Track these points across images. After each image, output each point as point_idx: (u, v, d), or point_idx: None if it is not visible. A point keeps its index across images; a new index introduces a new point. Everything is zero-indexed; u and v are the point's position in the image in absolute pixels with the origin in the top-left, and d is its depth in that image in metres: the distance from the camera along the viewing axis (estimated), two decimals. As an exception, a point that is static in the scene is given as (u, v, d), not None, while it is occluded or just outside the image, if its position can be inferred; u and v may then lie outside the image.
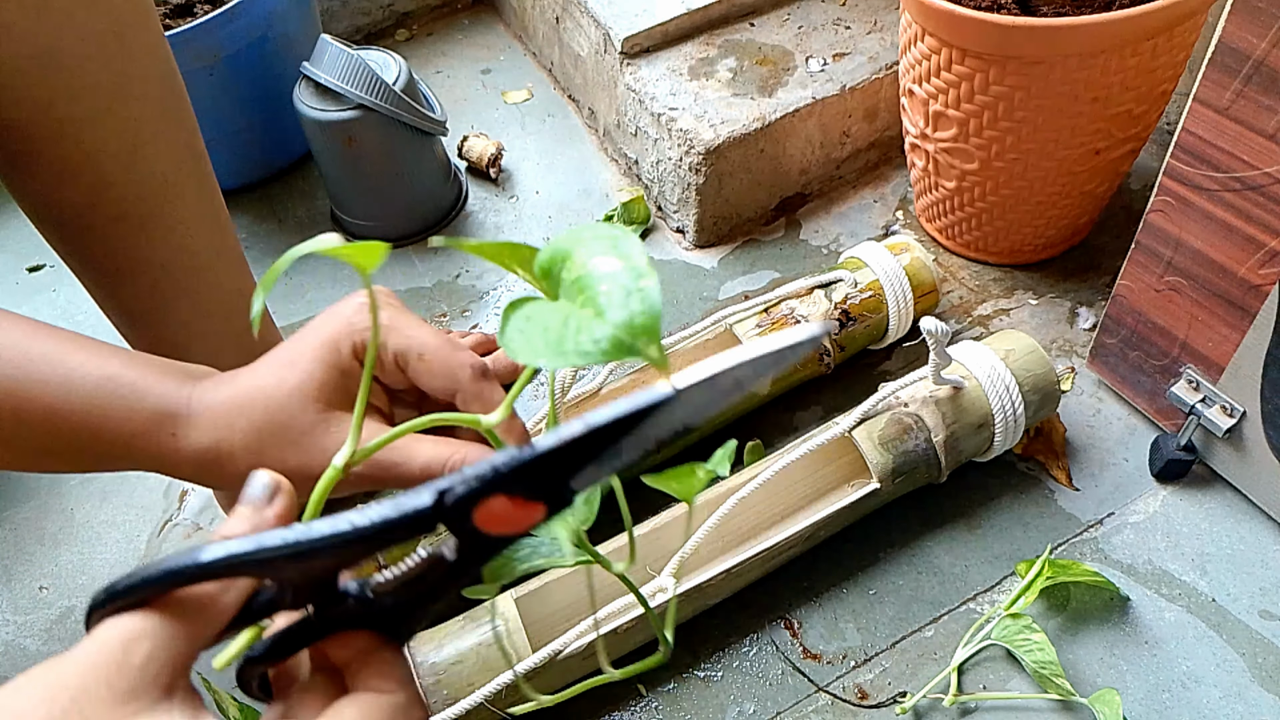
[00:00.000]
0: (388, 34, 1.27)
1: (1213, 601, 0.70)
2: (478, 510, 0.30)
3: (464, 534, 0.31)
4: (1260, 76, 0.58)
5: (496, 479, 0.30)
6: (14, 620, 0.77)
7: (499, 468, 0.30)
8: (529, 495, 0.30)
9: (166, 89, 0.58)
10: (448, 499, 0.30)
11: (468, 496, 0.30)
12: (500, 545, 0.31)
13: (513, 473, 0.30)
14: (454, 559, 0.32)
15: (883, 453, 0.71)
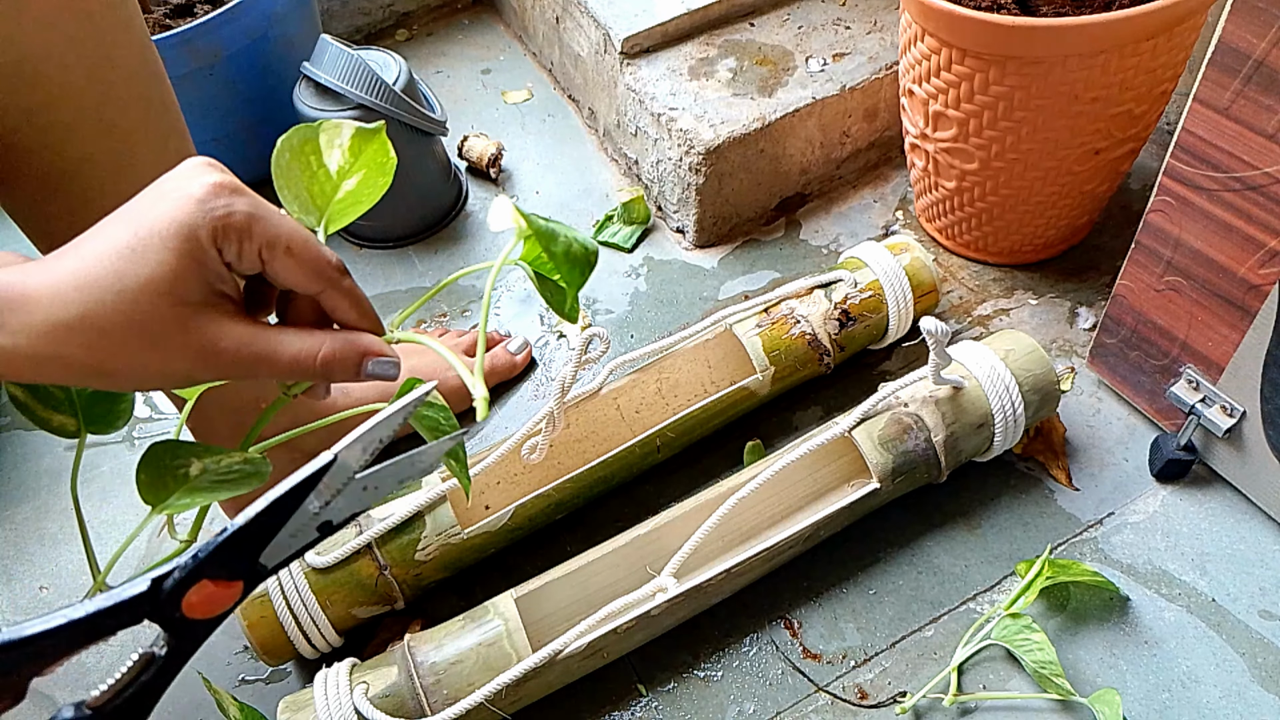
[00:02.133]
0: (388, 34, 1.27)
1: (1212, 601, 0.70)
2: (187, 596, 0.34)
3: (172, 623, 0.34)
4: (1260, 76, 0.58)
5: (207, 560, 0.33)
6: (14, 620, 0.77)
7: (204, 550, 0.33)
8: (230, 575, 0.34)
9: (152, 95, 0.57)
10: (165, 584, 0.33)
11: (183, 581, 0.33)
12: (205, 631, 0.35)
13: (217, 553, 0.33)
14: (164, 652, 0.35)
15: (882, 453, 0.71)
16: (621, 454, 0.76)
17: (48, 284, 0.33)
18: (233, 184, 0.36)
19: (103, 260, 0.34)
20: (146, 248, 0.34)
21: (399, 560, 0.69)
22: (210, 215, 0.34)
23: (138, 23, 0.56)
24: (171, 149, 0.59)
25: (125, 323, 0.34)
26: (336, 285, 0.38)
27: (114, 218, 0.35)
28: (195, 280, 0.35)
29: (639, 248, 1.00)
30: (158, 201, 0.35)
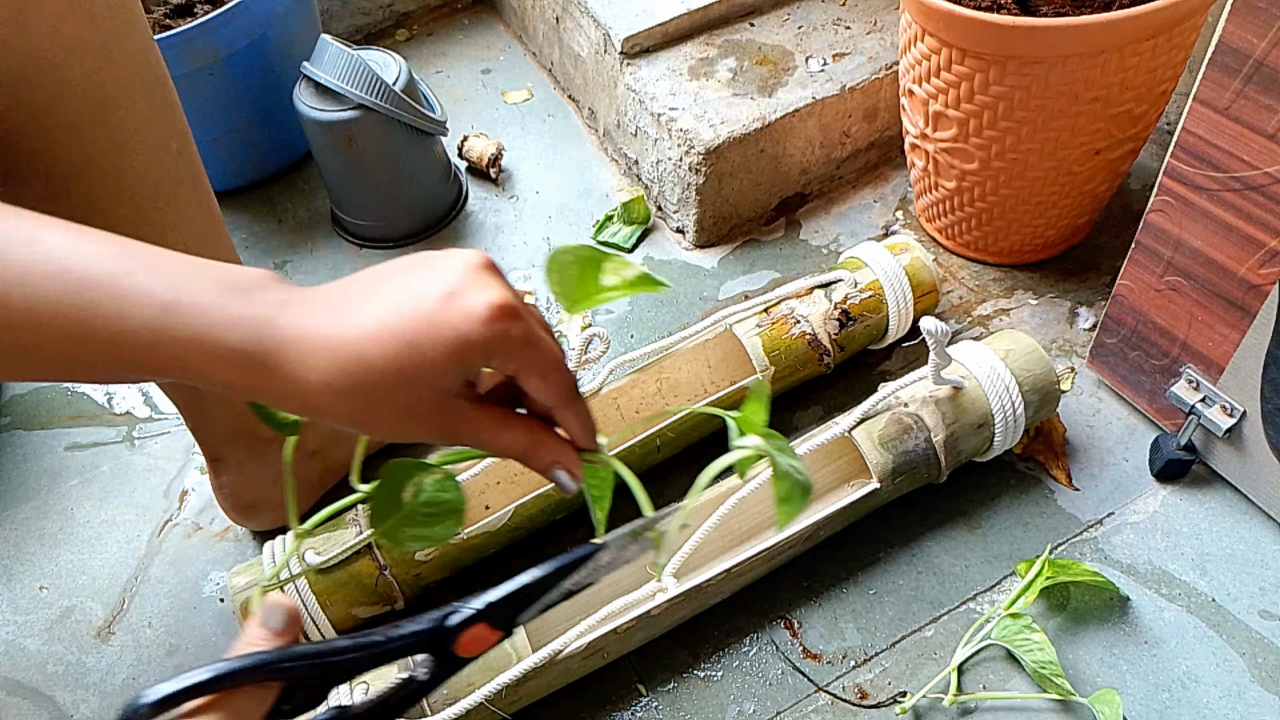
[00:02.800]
0: (388, 34, 1.27)
1: (1212, 601, 0.70)
2: (462, 636, 0.39)
3: (442, 656, 0.39)
4: (1260, 76, 0.58)
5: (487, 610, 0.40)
6: (14, 620, 0.77)
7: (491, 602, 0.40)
8: (497, 625, 0.40)
9: (155, 96, 0.57)
10: (449, 623, 0.39)
11: (463, 624, 0.39)
12: (460, 667, 0.40)
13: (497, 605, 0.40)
14: (425, 679, 0.39)
15: (883, 453, 0.71)
16: (621, 454, 0.76)
17: (328, 347, 0.37)
18: (515, 307, 0.39)
19: (384, 347, 0.37)
20: (429, 348, 0.37)
21: (399, 560, 0.69)
22: (490, 336, 0.38)
23: (141, 24, 0.56)
24: (173, 150, 0.59)
25: (391, 401, 0.38)
26: (570, 407, 0.42)
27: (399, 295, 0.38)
28: (458, 378, 0.39)
29: (639, 248, 1.00)
30: (447, 306, 0.38)
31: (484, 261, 0.40)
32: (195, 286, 0.37)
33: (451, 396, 0.40)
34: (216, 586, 0.78)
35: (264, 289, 0.38)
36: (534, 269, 0.98)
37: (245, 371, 0.37)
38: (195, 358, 0.36)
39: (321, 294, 0.39)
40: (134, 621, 0.76)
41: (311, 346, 0.37)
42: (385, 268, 0.41)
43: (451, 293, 0.38)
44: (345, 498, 0.83)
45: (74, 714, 0.71)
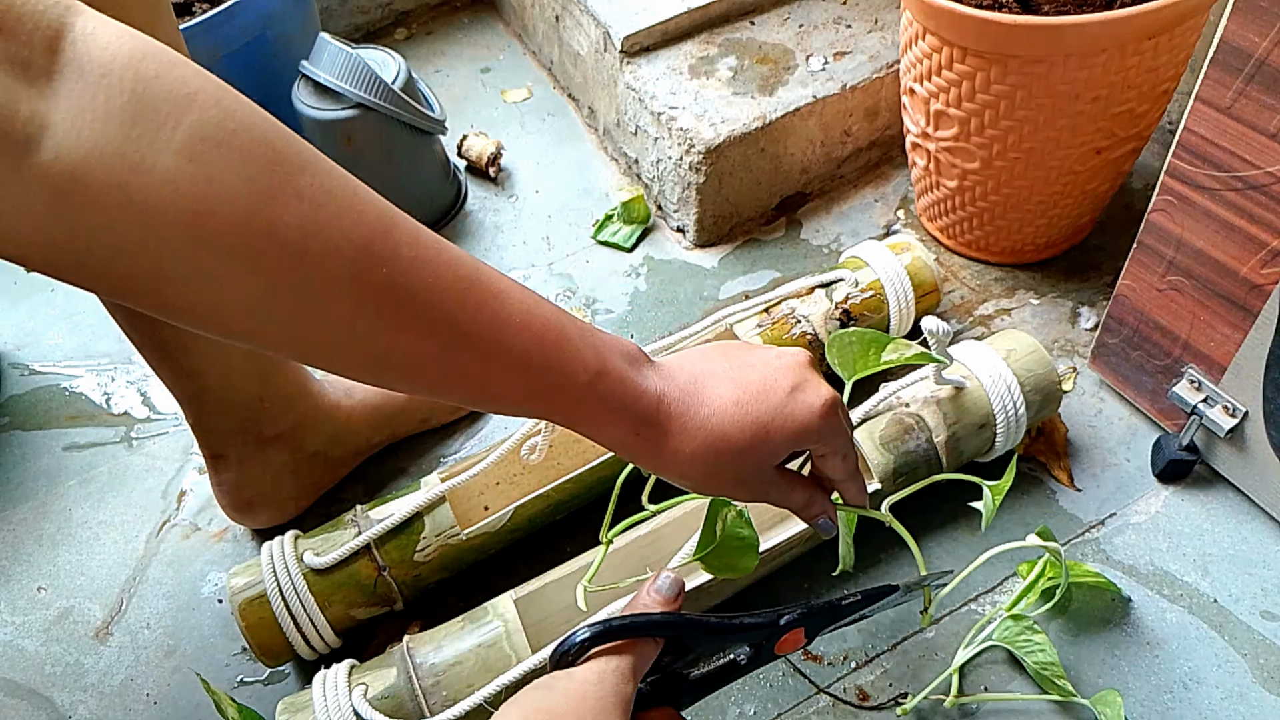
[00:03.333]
0: (387, 33, 1.27)
1: (1214, 602, 0.70)
2: (785, 635, 0.49)
3: (762, 650, 0.48)
4: (1262, 76, 0.58)
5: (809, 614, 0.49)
6: (12, 621, 0.77)
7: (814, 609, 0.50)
8: (809, 632, 0.50)
9: None
10: (782, 621, 0.48)
11: (790, 623, 0.49)
12: (769, 660, 0.49)
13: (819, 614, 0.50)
14: (744, 664, 0.48)
15: (884, 453, 0.70)
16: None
17: (703, 429, 0.45)
18: (838, 401, 0.48)
19: (745, 431, 0.46)
20: (777, 433, 0.46)
21: (398, 561, 0.69)
22: (824, 429, 0.47)
23: (169, 16, 0.56)
24: None
25: (736, 470, 0.47)
26: (854, 480, 0.52)
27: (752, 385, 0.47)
28: (786, 454, 0.48)
29: (639, 247, 1.00)
30: (792, 400, 0.47)
31: (812, 360, 0.50)
32: (612, 356, 0.45)
33: (773, 467, 0.49)
34: (215, 587, 0.77)
35: (646, 363, 0.47)
36: (533, 269, 0.98)
37: (637, 437, 0.45)
38: (609, 419, 0.44)
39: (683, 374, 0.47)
40: (132, 622, 0.76)
41: (689, 423, 0.46)
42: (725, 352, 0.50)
43: (795, 388, 0.47)
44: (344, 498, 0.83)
45: (72, 715, 0.71)
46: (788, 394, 0.47)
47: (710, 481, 0.47)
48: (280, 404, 0.73)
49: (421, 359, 0.40)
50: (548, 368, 0.42)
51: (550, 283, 0.97)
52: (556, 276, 0.97)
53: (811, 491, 0.52)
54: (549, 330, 0.42)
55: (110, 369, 0.93)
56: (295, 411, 0.75)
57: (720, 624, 0.46)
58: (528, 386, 0.42)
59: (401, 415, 0.82)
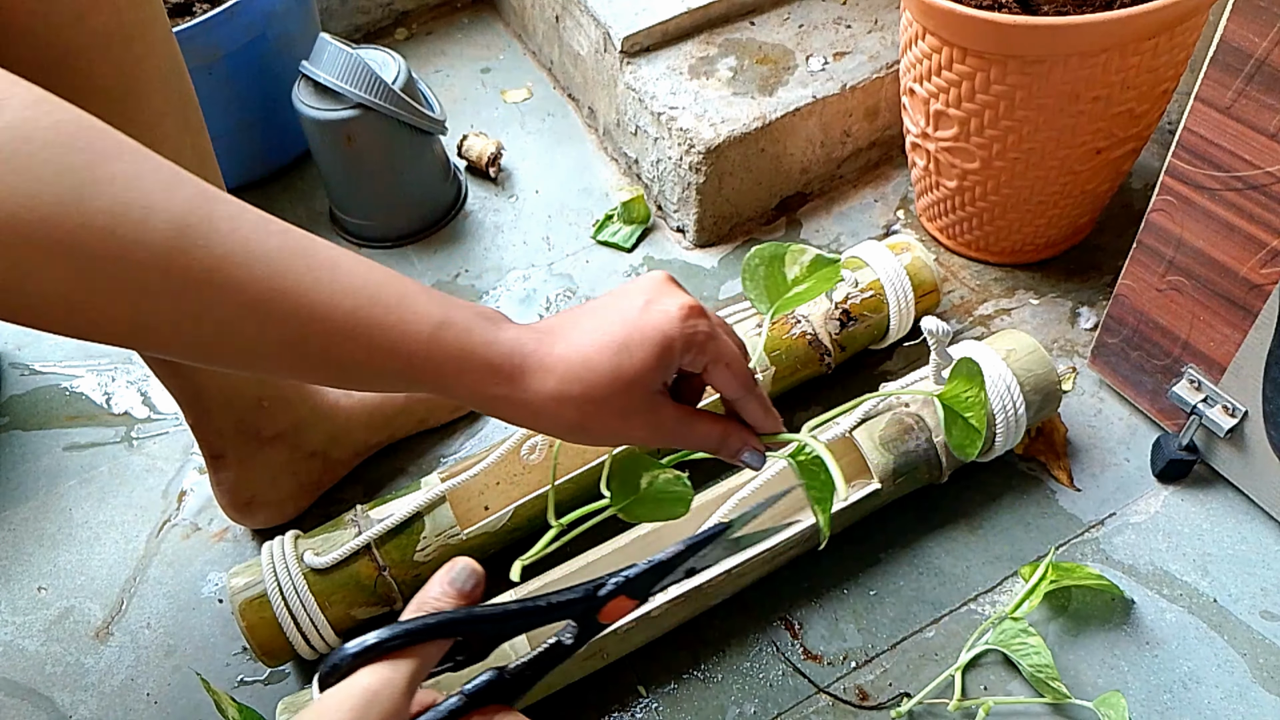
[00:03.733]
0: (387, 33, 1.27)
1: (1214, 602, 0.70)
2: (607, 606, 0.44)
3: (588, 624, 0.45)
4: (1262, 76, 0.58)
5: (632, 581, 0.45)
6: (13, 621, 0.77)
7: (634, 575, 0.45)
8: (635, 596, 0.45)
9: (173, 91, 0.57)
10: (600, 593, 0.44)
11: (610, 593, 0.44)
12: (598, 631, 0.45)
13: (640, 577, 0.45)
14: (570, 643, 0.44)
15: (883, 453, 0.70)
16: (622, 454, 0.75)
17: (563, 359, 0.44)
18: (700, 306, 0.46)
19: (604, 351, 0.44)
20: (639, 347, 0.44)
21: (398, 561, 0.69)
22: (685, 331, 0.45)
23: (162, 17, 0.56)
24: (189, 144, 0.60)
25: (612, 400, 0.44)
26: (751, 393, 0.49)
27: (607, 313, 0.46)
28: (661, 375, 0.45)
29: (639, 247, 1.00)
30: (647, 311, 0.45)
31: (667, 276, 0.48)
32: (459, 312, 0.44)
33: (656, 394, 0.46)
34: (215, 587, 0.77)
35: (504, 319, 0.45)
36: (533, 268, 0.98)
37: (494, 382, 0.43)
38: (457, 368, 0.43)
39: (548, 322, 0.46)
40: (132, 622, 0.76)
41: (547, 359, 0.44)
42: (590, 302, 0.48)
43: (649, 301, 0.46)
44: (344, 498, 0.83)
45: (72, 715, 0.71)
46: (642, 308, 0.45)
47: (590, 421, 0.45)
48: (279, 404, 0.73)
49: (253, 334, 0.40)
50: (386, 325, 0.42)
51: (550, 283, 0.97)
52: (556, 276, 0.97)
53: (724, 424, 0.49)
54: (386, 289, 0.42)
55: (110, 369, 0.93)
56: (294, 412, 0.75)
57: (523, 610, 0.42)
58: (369, 348, 0.41)
59: (401, 415, 0.82)
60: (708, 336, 0.46)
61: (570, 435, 0.46)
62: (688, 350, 0.45)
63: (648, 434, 0.47)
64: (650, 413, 0.46)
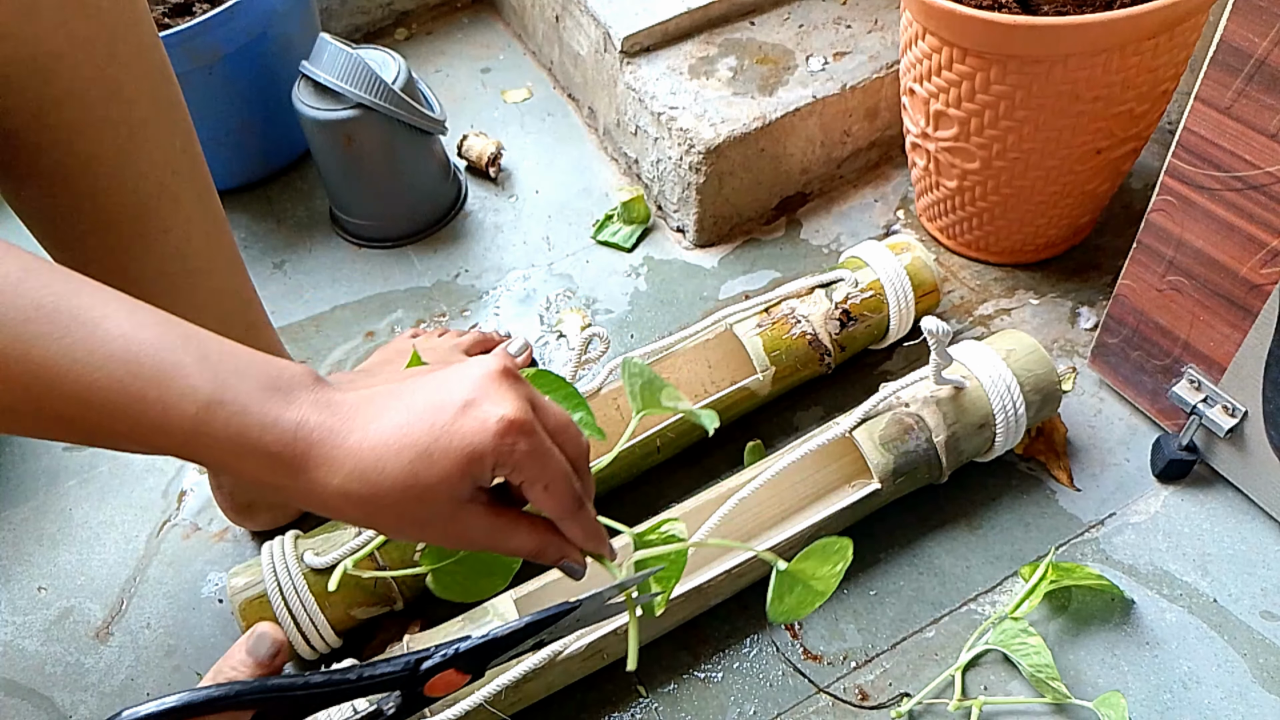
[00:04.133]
0: (387, 33, 1.27)
1: (1214, 602, 0.70)
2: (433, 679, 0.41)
3: (412, 697, 0.41)
4: (1262, 76, 0.58)
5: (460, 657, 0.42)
6: (13, 621, 0.77)
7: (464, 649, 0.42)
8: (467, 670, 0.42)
9: (160, 93, 0.57)
10: (422, 668, 0.41)
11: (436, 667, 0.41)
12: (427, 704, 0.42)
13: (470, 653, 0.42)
14: (391, 714, 0.41)
15: (883, 453, 0.70)
16: (621, 454, 0.75)
17: (353, 455, 0.39)
18: (526, 422, 0.41)
19: (401, 455, 0.39)
20: (442, 457, 0.40)
21: (398, 561, 0.69)
22: (499, 449, 0.40)
23: (147, 21, 0.56)
24: (178, 148, 0.59)
25: (403, 508, 0.40)
26: (572, 518, 0.44)
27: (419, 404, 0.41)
28: (466, 487, 0.41)
29: (639, 247, 1.00)
30: (462, 416, 0.40)
31: (503, 370, 0.42)
32: (239, 385, 0.39)
33: (462, 504, 0.41)
34: (215, 587, 0.77)
35: (302, 388, 0.40)
36: (533, 269, 0.98)
37: (274, 471, 0.39)
38: (232, 454, 0.39)
39: (351, 396, 0.41)
40: (132, 622, 0.76)
41: (335, 453, 0.39)
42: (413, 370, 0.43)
43: (468, 403, 0.41)
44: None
45: (72, 715, 0.71)
46: (459, 410, 0.40)
47: (379, 524, 0.41)
48: None
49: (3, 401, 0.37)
50: (145, 400, 0.37)
51: (550, 283, 0.97)
52: (556, 277, 0.97)
53: (538, 533, 0.44)
54: (150, 360, 0.38)
55: (110, 369, 0.93)
56: None
57: (330, 683, 0.39)
58: (131, 424, 0.38)
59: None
60: (526, 456, 0.41)
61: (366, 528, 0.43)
62: (500, 467, 0.41)
63: (450, 541, 0.43)
64: (451, 521, 0.42)
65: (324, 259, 1.01)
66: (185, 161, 0.60)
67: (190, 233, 0.61)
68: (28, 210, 0.57)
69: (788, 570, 0.47)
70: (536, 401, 0.43)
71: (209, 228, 0.63)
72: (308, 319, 0.96)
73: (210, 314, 0.65)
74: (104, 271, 0.60)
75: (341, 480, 0.40)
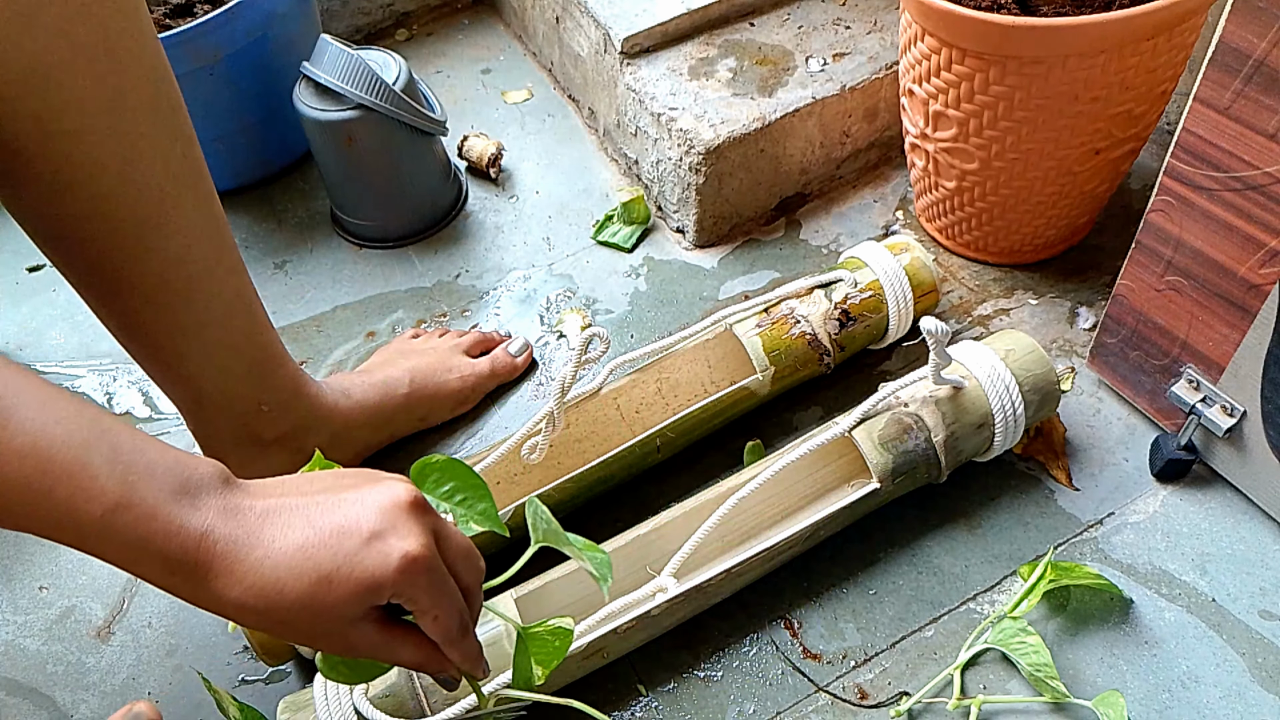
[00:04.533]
0: (387, 34, 1.27)
1: (1213, 601, 0.70)
2: None
3: None
4: (1260, 76, 0.58)
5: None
6: (14, 620, 0.77)
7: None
8: None
9: (161, 99, 0.57)
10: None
11: None
12: None
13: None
14: None
15: (883, 453, 0.71)
16: (621, 454, 0.76)
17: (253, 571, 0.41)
18: (427, 559, 0.43)
19: (301, 579, 0.41)
20: (341, 584, 0.41)
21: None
22: (398, 583, 0.42)
23: (148, 29, 0.56)
24: (178, 153, 0.59)
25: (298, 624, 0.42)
26: (455, 646, 0.46)
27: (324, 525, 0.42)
28: (362, 610, 0.43)
29: (639, 248, 1.00)
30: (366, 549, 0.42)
31: (412, 502, 0.44)
32: (146, 487, 0.40)
33: (354, 622, 0.43)
34: (216, 586, 0.77)
35: (211, 492, 0.41)
36: (533, 269, 0.98)
37: (174, 576, 0.40)
38: (134, 557, 0.40)
39: (260, 505, 0.42)
40: (134, 621, 0.76)
41: (236, 566, 0.41)
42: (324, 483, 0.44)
43: (374, 534, 0.42)
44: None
45: (73, 714, 0.71)
46: (364, 541, 0.42)
47: (273, 632, 0.43)
48: (278, 407, 0.73)
49: None
50: (51, 499, 0.38)
51: (550, 283, 0.97)
52: (556, 277, 0.98)
53: (423, 650, 0.46)
54: (60, 454, 0.38)
55: (112, 369, 0.93)
56: (294, 414, 0.75)
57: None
58: (34, 518, 0.38)
59: (400, 414, 0.82)
60: (422, 590, 0.43)
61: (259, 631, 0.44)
62: (397, 597, 0.43)
63: (340, 651, 0.45)
64: (342, 637, 0.43)
65: (325, 259, 1.02)
66: (186, 167, 0.60)
67: (191, 238, 0.61)
68: (28, 216, 0.57)
69: None
70: (440, 532, 0.45)
71: (210, 233, 0.63)
72: (309, 319, 0.96)
73: (211, 318, 0.65)
74: (104, 276, 0.60)
75: (240, 593, 0.41)
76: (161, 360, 0.67)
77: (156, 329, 0.63)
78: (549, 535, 0.50)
